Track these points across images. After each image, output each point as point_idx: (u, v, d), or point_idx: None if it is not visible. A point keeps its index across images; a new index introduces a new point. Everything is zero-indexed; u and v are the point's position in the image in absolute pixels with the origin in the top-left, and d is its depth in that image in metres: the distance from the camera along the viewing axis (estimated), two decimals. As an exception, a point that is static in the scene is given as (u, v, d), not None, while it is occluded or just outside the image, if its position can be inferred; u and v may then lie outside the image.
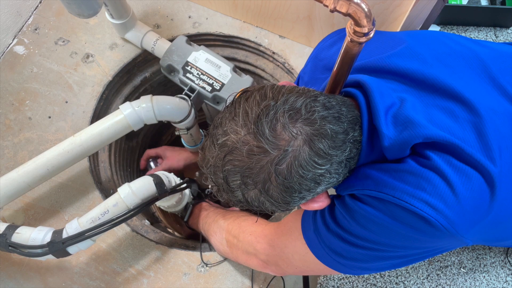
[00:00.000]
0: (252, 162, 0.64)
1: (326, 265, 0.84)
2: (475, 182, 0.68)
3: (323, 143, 0.64)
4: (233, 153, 0.65)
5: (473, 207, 0.69)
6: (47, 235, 0.98)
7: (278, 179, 0.65)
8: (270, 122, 0.64)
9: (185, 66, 1.28)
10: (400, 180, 0.69)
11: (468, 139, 0.70)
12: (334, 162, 0.67)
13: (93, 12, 1.01)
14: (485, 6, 1.57)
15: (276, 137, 0.63)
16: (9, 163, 1.27)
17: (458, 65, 0.80)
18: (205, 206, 1.31)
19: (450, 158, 0.69)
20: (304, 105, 0.65)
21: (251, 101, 0.67)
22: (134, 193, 0.99)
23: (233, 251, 1.07)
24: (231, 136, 0.66)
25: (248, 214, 1.11)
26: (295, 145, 0.63)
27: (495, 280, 1.23)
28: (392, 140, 0.70)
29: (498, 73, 0.80)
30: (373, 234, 0.74)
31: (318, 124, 0.64)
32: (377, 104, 0.71)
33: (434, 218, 0.67)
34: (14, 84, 1.35)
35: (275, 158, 0.64)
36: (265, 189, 0.66)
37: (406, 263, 0.80)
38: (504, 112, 0.76)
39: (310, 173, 0.65)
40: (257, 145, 0.64)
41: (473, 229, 0.71)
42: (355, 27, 0.59)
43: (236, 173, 0.66)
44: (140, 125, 1.12)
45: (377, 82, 0.76)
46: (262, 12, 1.36)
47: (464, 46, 0.84)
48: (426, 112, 0.73)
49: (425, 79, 0.77)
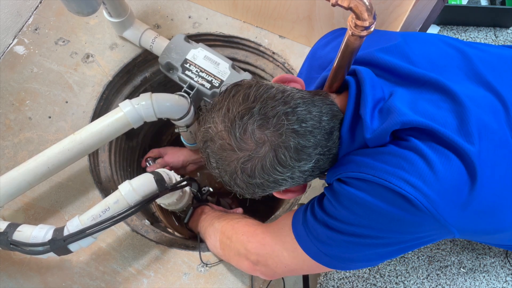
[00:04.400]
0: (223, 155, 0.72)
1: (314, 258, 0.84)
2: (454, 163, 0.70)
3: (285, 155, 0.70)
4: (211, 141, 0.74)
5: (453, 188, 0.70)
6: (48, 233, 0.98)
7: (242, 175, 0.73)
8: (242, 126, 0.70)
9: (184, 64, 1.28)
10: (380, 161, 0.72)
11: (449, 125, 0.72)
12: (296, 171, 0.73)
13: (92, 10, 1.01)
14: (485, 6, 1.58)
15: (244, 140, 0.70)
16: (9, 163, 1.27)
17: (446, 65, 0.83)
18: (205, 209, 1.31)
19: (429, 141, 0.72)
20: (277, 116, 0.70)
21: (235, 99, 0.72)
22: (135, 190, 0.99)
23: (225, 253, 1.07)
24: (212, 126, 0.73)
25: (243, 216, 1.12)
26: (260, 152, 0.70)
27: (495, 280, 1.23)
28: (374, 132, 0.73)
29: (485, 72, 0.82)
30: (358, 217, 0.75)
31: (284, 136, 0.69)
32: (367, 96, 0.75)
33: (413, 195, 0.69)
34: (14, 84, 1.35)
35: (241, 158, 0.71)
36: (233, 178, 0.74)
37: (393, 253, 0.80)
38: (490, 105, 0.78)
39: (271, 177, 0.72)
40: (228, 142, 0.71)
41: (457, 215, 0.71)
42: (356, 21, 0.60)
43: (213, 158, 0.75)
44: (140, 122, 1.12)
45: (370, 74, 0.79)
46: (262, 12, 1.37)
47: (454, 47, 0.86)
48: (412, 102, 0.76)
49: (410, 74, 0.80)
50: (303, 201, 1.32)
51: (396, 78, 0.82)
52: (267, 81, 1.49)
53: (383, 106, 0.75)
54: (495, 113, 0.76)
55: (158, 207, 1.59)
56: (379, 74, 0.82)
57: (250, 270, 0.99)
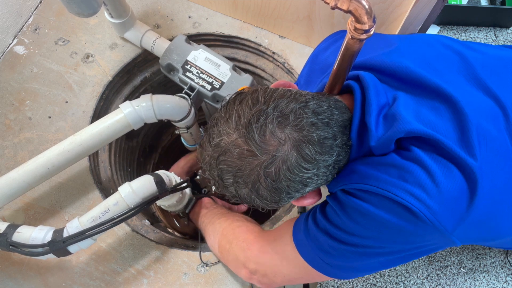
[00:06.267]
0: (243, 164, 0.68)
1: (314, 267, 0.84)
2: (456, 174, 0.70)
3: (310, 149, 0.68)
4: (226, 154, 0.69)
5: (455, 199, 0.70)
6: (47, 234, 0.98)
7: (267, 181, 0.69)
8: (260, 128, 0.67)
9: (184, 65, 1.28)
10: (383, 172, 0.72)
11: (451, 135, 0.72)
12: (321, 166, 0.71)
13: (93, 11, 1.01)
14: (485, 6, 1.58)
15: (265, 142, 0.67)
16: (9, 163, 1.27)
17: (445, 68, 0.82)
18: (207, 203, 1.29)
19: (432, 151, 0.72)
20: (294, 112, 0.68)
21: (244, 105, 0.70)
22: (135, 192, 0.99)
23: (224, 256, 1.07)
24: (224, 138, 0.70)
25: (245, 219, 1.11)
26: (283, 151, 0.67)
27: (495, 280, 1.24)
28: (379, 139, 0.73)
29: (484, 76, 0.82)
30: (361, 227, 0.75)
31: (306, 130, 0.68)
32: (372, 102, 0.75)
33: (416, 207, 0.69)
34: (14, 84, 1.35)
35: (264, 162, 0.67)
36: (255, 189, 0.70)
37: (394, 261, 0.81)
38: (490, 111, 0.78)
39: (297, 176, 0.70)
40: (247, 148, 0.68)
41: (458, 226, 0.72)
42: (355, 24, 0.60)
43: (229, 173, 0.70)
44: (140, 124, 1.12)
45: (374, 79, 0.79)
46: (262, 12, 1.36)
47: (453, 50, 0.86)
48: (416, 109, 0.76)
49: (412, 78, 0.79)
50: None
51: (399, 82, 0.81)
52: (266, 81, 1.49)
53: (387, 112, 0.75)
54: (494, 119, 0.76)
55: (158, 208, 1.59)
56: (381, 79, 0.82)
57: (247, 278, 0.98)
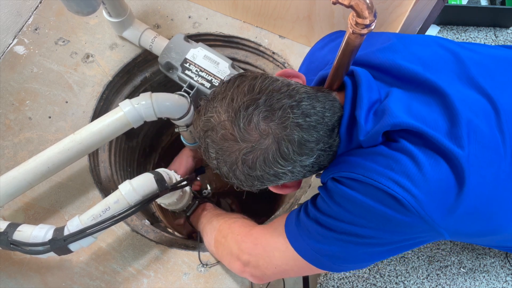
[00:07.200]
0: (225, 145, 0.72)
1: (303, 257, 0.85)
2: (443, 166, 0.71)
3: (288, 148, 0.70)
4: (213, 131, 0.73)
5: (441, 190, 0.71)
6: (48, 232, 0.98)
7: (243, 166, 0.72)
8: (247, 117, 0.69)
9: (183, 63, 1.28)
10: (371, 161, 0.73)
11: (440, 128, 0.73)
12: (297, 165, 0.74)
13: (92, 10, 1.01)
14: (485, 6, 1.58)
15: (248, 131, 0.70)
16: (9, 163, 1.27)
17: (439, 67, 0.83)
18: (208, 207, 1.31)
19: (419, 143, 0.73)
20: (283, 109, 0.70)
21: (240, 89, 0.72)
22: (135, 190, 0.99)
23: (219, 251, 1.07)
24: (214, 116, 0.73)
25: (241, 216, 1.12)
26: (264, 144, 0.70)
27: (495, 280, 1.23)
28: (368, 133, 0.74)
29: (477, 75, 0.82)
30: (350, 214, 0.76)
31: (289, 129, 0.70)
32: (363, 97, 0.76)
33: (400, 195, 0.70)
34: (14, 84, 1.35)
35: (244, 149, 0.70)
36: (232, 170, 0.74)
37: (383, 253, 0.81)
38: (481, 108, 0.78)
39: (271, 170, 0.72)
40: (231, 132, 0.70)
41: (445, 217, 0.72)
42: (357, 18, 0.60)
43: (213, 148, 0.74)
44: (140, 122, 1.12)
45: (367, 75, 0.80)
46: (262, 12, 1.37)
47: (448, 50, 0.87)
48: (407, 104, 0.77)
49: (406, 74, 0.80)
50: (303, 201, 1.31)
51: (393, 78, 0.82)
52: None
53: (378, 108, 0.76)
54: (485, 116, 0.77)
55: (158, 207, 1.59)
56: (376, 75, 0.83)
57: (240, 272, 0.98)
